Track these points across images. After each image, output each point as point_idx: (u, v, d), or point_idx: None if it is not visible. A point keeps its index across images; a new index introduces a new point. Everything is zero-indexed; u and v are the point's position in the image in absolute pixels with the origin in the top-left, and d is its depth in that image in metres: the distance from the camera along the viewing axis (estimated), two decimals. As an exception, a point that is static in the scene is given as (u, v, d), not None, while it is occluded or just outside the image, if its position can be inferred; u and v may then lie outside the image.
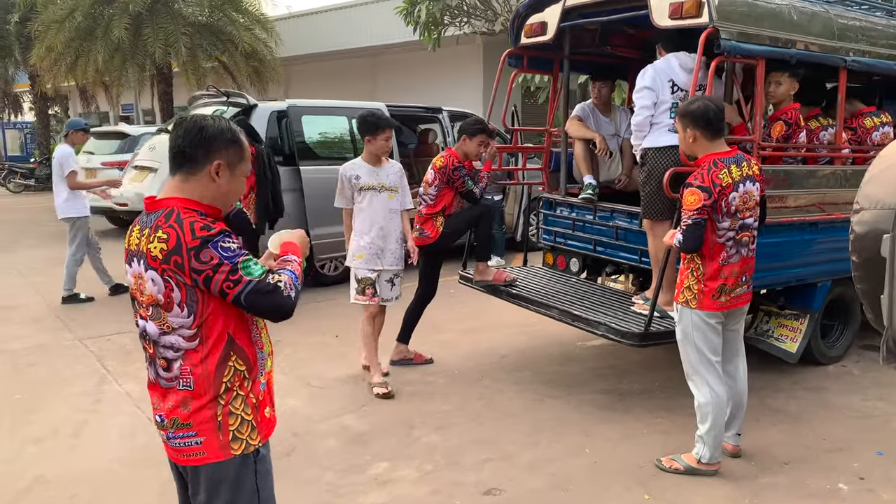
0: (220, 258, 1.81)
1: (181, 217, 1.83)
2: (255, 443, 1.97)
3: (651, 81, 4.23)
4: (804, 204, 4.59)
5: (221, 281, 1.82)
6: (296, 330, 6.10)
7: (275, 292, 1.86)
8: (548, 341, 5.62)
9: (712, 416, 3.43)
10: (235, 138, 1.96)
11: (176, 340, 1.89)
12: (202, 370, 1.89)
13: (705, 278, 3.36)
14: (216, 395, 1.90)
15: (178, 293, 1.84)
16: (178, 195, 1.91)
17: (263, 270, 1.88)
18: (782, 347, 4.88)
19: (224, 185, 1.94)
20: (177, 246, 1.80)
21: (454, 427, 4.12)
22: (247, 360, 1.95)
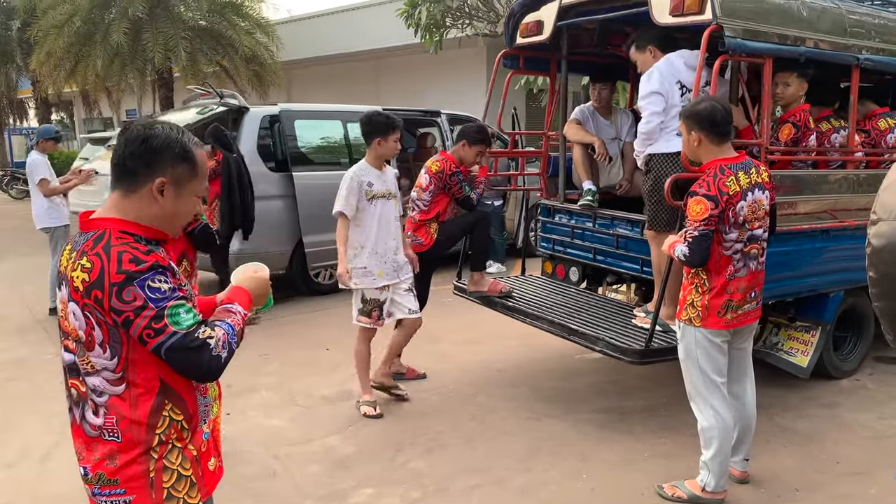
0: (145, 300, 1.56)
1: (111, 243, 1.59)
2: (193, 501, 1.73)
3: (659, 85, 3.95)
4: (815, 210, 4.35)
5: (142, 327, 1.56)
6: (286, 342, 5.92)
7: (201, 349, 1.60)
8: (548, 354, 5.39)
9: (717, 441, 3.19)
10: (186, 153, 1.69)
11: (100, 383, 1.64)
12: (131, 420, 1.64)
13: (710, 294, 3.13)
14: (148, 449, 1.66)
15: (99, 332, 1.60)
16: (115, 215, 1.66)
17: (195, 321, 1.62)
18: (793, 361, 4.63)
19: (168, 206, 1.69)
20: (99, 278, 1.55)
21: (445, 449, 3.90)
22: (185, 410, 1.71)
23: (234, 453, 3.87)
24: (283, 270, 7.20)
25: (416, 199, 4.75)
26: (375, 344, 4.58)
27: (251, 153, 6.90)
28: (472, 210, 4.86)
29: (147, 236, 1.67)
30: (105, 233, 1.61)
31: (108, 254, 1.57)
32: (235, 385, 4.93)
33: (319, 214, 7.05)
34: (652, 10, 4.00)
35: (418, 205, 4.73)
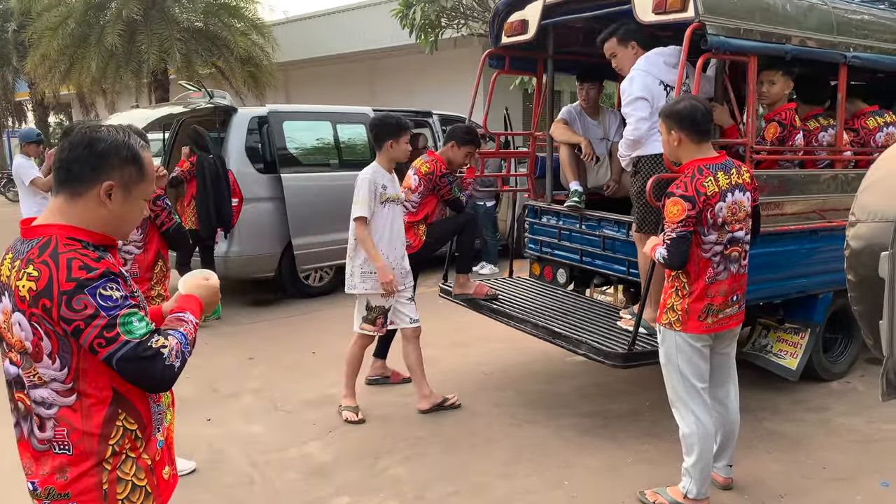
0: (97, 308, 1.51)
1: (58, 251, 1.53)
2: None
3: (642, 89, 3.83)
4: (803, 210, 4.28)
5: (93, 336, 1.51)
6: (273, 345, 5.87)
7: (154, 359, 1.56)
8: (535, 356, 5.32)
9: (698, 447, 3.13)
10: (134, 155, 1.64)
11: (49, 395, 1.57)
12: (83, 431, 1.58)
13: (690, 297, 3.06)
14: (101, 460, 1.60)
15: (47, 342, 1.54)
16: (60, 220, 1.60)
17: (148, 330, 1.58)
18: (782, 364, 4.56)
19: (116, 210, 1.63)
20: (47, 287, 1.50)
21: (425, 456, 3.84)
22: (139, 419, 1.66)
23: (213, 460, 3.83)
24: (272, 273, 7.14)
25: (405, 201, 4.68)
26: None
27: (239, 154, 6.87)
28: (461, 212, 4.80)
29: (95, 242, 1.62)
30: (51, 239, 1.55)
31: (56, 261, 1.51)
32: (221, 389, 4.89)
33: (308, 216, 7.04)
34: (635, 7, 3.93)
35: (407, 206, 4.65)
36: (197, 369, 5.18)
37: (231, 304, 7.13)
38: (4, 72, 21.17)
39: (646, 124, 3.80)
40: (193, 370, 5.15)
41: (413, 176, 4.68)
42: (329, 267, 7.53)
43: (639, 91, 3.80)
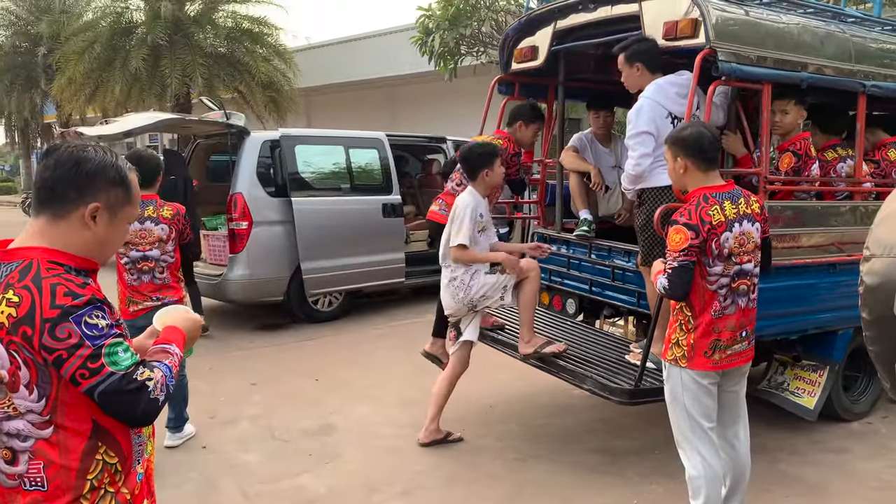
0: (81, 337, 1.43)
1: (41, 275, 1.46)
2: None
3: (648, 123, 3.69)
4: (820, 243, 4.12)
5: (76, 367, 1.43)
6: (276, 370, 5.79)
7: (139, 392, 1.48)
8: (540, 388, 5.16)
9: (705, 490, 2.96)
10: (121, 177, 1.59)
11: (24, 427, 1.48)
12: (60, 465, 1.49)
13: (696, 332, 2.92)
14: (77, 497, 1.51)
15: (25, 372, 1.45)
16: (41, 243, 1.52)
17: (133, 361, 1.51)
18: (799, 403, 4.37)
19: (101, 233, 1.57)
20: (29, 314, 1.43)
21: (421, 491, 3.70)
22: (119, 452, 1.57)
23: (204, 491, 3.73)
24: (280, 297, 7.08)
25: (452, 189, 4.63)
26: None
27: (251, 178, 6.86)
28: (521, 193, 4.68)
29: (77, 266, 1.54)
30: (32, 263, 1.48)
31: (38, 286, 1.44)
32: (219, 415, 4.80)
33: (318, 240, 7.00)
34: (645, 34, 3.86)
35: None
36: (197, 394, 5.11)
37: (238, 328, 7.08)
38: (33, 94, 21.63)
39: (648, 160, 3.68)
40: (194, 395, 5.07)
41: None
42: (338, 292, 7.46)
43: (644, 125, 3.68)
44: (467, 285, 4.11)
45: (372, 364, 5.95)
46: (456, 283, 4.13)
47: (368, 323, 7.41)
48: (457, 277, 4.12)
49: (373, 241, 7.45)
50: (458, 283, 4.12)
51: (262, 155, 7.00)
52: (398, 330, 7.14)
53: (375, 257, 7.49)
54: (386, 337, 6.86)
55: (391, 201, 7.63)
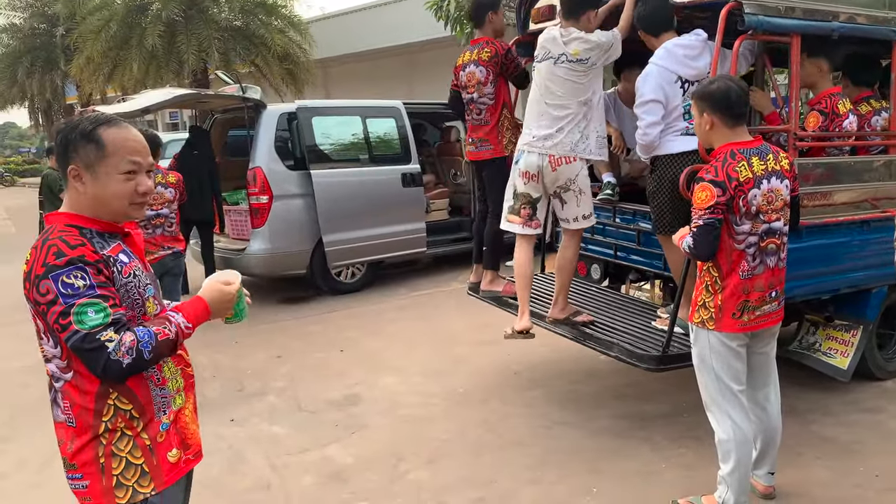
0: (56, 294, 1.58)
1: (49, 236, 1.63)
2: (144, 491, 1.72)
3: (655, 91, 3.58)
4: (853, 200, 3.99)
5: (52, 321, 1.59)
6: (301, 343, 5.82)
7: (98, 351, 1.58)
8: (566, 354, 5.13)
9: (735, 454, 2.91)
10: (85, 135, 1.68)
11: (55, 370, 1.70)
12: (81, 405, 1.68)
13: (723, 293, 2.84)
14: (96, 435, 1.68)
15: (40, 321, 1.65)
16: (65, 209, 1.72)
17: (101, 322, 1.59)
18: (832, 363, 4.28)
19: (91, 191, 1.68)
20: (29, 271, 1.62)
21: (448, 459, 3.70)
22: (135, 400, 1.71)
23: (233, 462, 3.77)
24: (303, 270, 7.10)
25: (479, 99, 4.50)
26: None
27: (269, 151, 6.83)
28: (525, 85, 4.57)
29: (98, 229, 1.69)
30: (52, 227, 1.66)
31: (43, 246, 1.61)
32: (246, 388, 4.84)
33: (339, 212, 6.97)
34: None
35: (484, 101, 4.48)
36: (224, 368, 5.17)
37: (262, 302, 7.12)
38: (53, 75, 21.77)
39: (656, 129, 3.59)
40: (220, 369, 5.15)
41: (478, 69, 4.46)
42: (360, 263, 7.46)
43: (651, 93, 3.57)
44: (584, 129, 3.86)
45: (396, 334, 5.96)
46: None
47: (391, 294, 7.41)
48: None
49: (393, 212, 7.42)
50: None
51: (279, 128, 6.96)
52: (421, 300, 7.13)
53: (396, 228, 7.46)
54: (409, 307, 6.85)
55: (410, 171, 7.57)
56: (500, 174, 4.56)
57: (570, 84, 3.80)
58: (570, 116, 3.81)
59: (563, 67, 3.81)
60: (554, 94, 3.85)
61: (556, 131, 3.83)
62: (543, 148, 3.85)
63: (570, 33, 3.81)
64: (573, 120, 3.81)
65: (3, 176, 31.04)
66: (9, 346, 6.01)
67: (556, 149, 3.82)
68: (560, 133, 3.82)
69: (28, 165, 36.27)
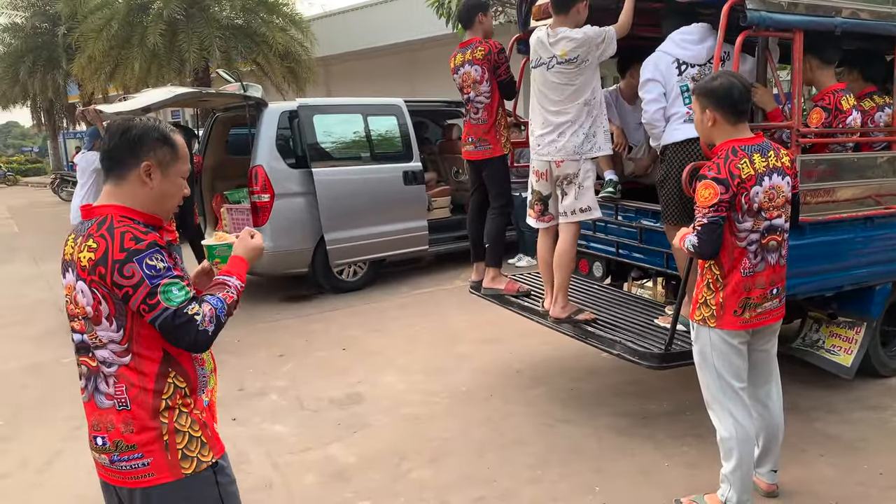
0: (142, 277, 1.69)
1: (113, 226, 1.73)
2: (207, 459, 1.86)
3: (652, 71, 3.70)
4: (857, 196, 3.96)
5: (139, 302, 1.70)
6: (303, 341, 5.81)
7: (189, 324, 1.72)
8: (568, 352, 5.12)
9: (738, 452, 2.90)
10: (165, 137, 1.84)
11: (108, 356, 1.77)
12: (139, 389, 1.77)
13: (724, 291, 2.83)
14: (156, 414, 1.78)
15: (105, 306, 1.73)
16: (113, 202, 1.80)
17: (185, 298, 1.73)
18: (835, 361, 4.26)
19: (157, 188, 1.82)
20: (103, 256, 1.70)
21: (450, 458, 3.70)
22: (188, 378, 1.84)
23: (235, 461, 3.73)
24: (305, 268, 7.09)
25: (475, 98, 4.48)
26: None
27: (270, 150, 6.82)
28: (512, 96, 4.60)
29: (144, 221, 1.80)
30: (107, 217, 1.75)
31: (111, 234, 1.71)
32: (247, 387, 4.84)
33: (341, 211, 6.96)
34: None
35: (481, 100, 4.46)
36: (226, 366, 5.17)
37: (264, 301, 7.13)
38: (55, 75, 21.78)
39: (654, 106, 3.68)
40: (222, 367, 5.10)
41: (472, 67, 4.44)
42: (362, 261, 7.45)
43: (647, 73, 3.70)
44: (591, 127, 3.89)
45: (398, 333, 5.95)
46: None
47: (393, 292, 7.40)
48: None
49: (395, 210, 7.41)
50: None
51: (280, 126, 6.95)
52: (423, 298, 7.13)
53: (398, 225, 7.45)
54: (411, 306, 6.85)
55: (412, 168, 7.55)
56: (501, 172, 4.56)
57: (566, 87, 3.85)
58: (571, 120, 3.86)
59: (554, 72, 3.85)
60: (552, 101, 3.91)
61: (559, 136, 3.89)
62: (548, 154, 3.94)
63: (556, 34, 3.84)
64: (574, 123, 3.85)
65: (5, 175, 31.07)
66: (6, 347, 6.01)
67: (559, 153, 3.89)
68: (562, 137, 3.88)
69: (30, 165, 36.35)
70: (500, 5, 12.70)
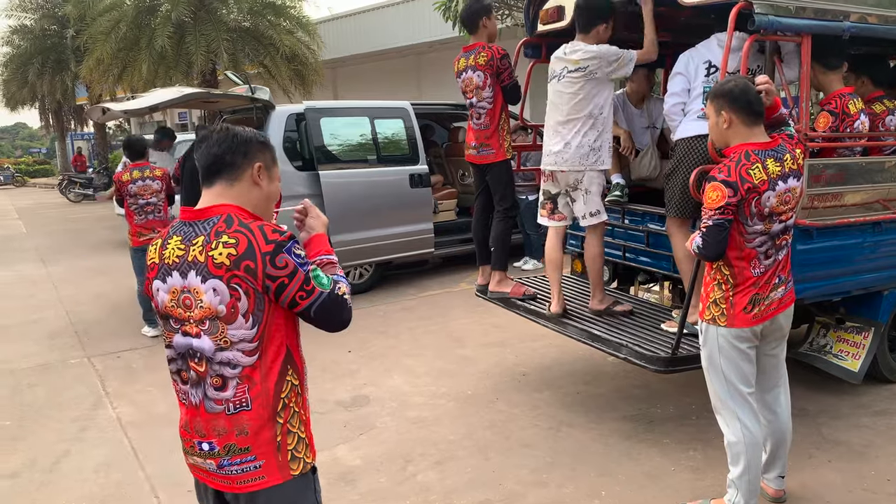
0: (295, 266, 1.72)
1: (244, 222, 1.74)
2: (310, 461, 1.87)
3: (684, 66, 3.80)
4: (865, 201, 3.96)
5: (295, 290, 1.72)
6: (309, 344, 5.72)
7: (342, 304, 1.79)
8: (574, 356, 5.12)
9: (745, 457, 2.89)
10: (266, 141, 1.91)
11: (234, 356, 1.74)
12: (262, 388, 1.75)
13: (735, 290, 2.82)
14: (274, 414, 1.77)
15: (245, 302, 1.71)
16: (228, 202, 1.80)
17: (330, 280, 1.79)
18: (843, 366, 4.25)
19: (266, 188, 1.86)
20: (248, 251, 1.69)
21: (456, 461, 3.69)
22: (299, 374, 1.85)
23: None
24: (311, 271, 7.09)
25: (478, 104, 4.50)
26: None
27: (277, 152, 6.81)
28: (516, 100, 4.60)
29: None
30: (231, 215, 1.75)
31: (249, 229, 1.71)
32: (254, 390, 4.84)
33: (347, 213, 6.97)
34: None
35: (483, 105, 4.48)
36: (232, 369, 5.17)
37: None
38: (64, 76, 21.88)
39: (673, 100, 3.80)
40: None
41: (475, 73, 4.46)
42: (368, 264, 7.46)
43: (679, 67, 3.81)
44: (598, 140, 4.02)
45: (403, 335, 5.95)
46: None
47: (399, 294, 7.41)
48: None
49: (401, 212, 7.41)
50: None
51: (287, 129, 6.97)
52: (428, 301, 7.13)
53: (404, 228, 7.46)
54: (417, 308, 6.85)
55: (418, 171, 7.56)
56: (505, 176, 4.57)
57: (572, 97, 3.97)
58: (577, 132, 3.99)
59: (564, 82, 3.99)
60: (560, 111, 4.05)
61: (564, 147, 4.03)
62: (555, 165, 4.10)
63: (574, 46, 3.96)
64: (578, 134, 3.98)
65: (14, 176, 31.22)
66: (15, 347, 6.04)
67: (566, 164, 4.05)
68: (567, 149, 4.02)
69: (38, 166, 36.51)
70: (506, 9, 12.72)
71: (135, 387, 4.85)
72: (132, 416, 4.41)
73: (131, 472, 3.71)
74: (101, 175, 20.74)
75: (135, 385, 4.88)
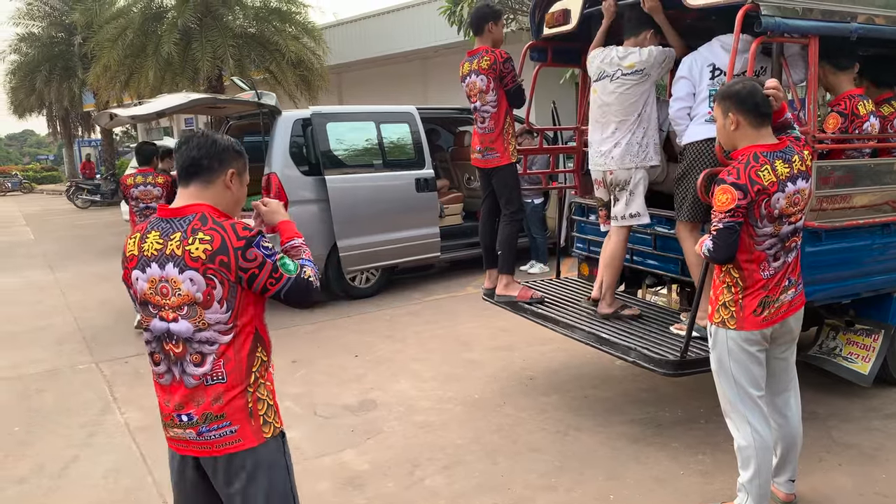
0: (263, 257, 1.93)
1: (217, 220, 1.95)
2: (279, 426, 2.09)
3: (687, 70, 3.80)
4: (874, 202, 3.93)
5: (266, 278, 1.94)
6: (316, 348, 5.82)
7: (308, 286, 2.00)
8: (582, 360, 5.10)
9: (755, 461, 2.87)
10: (241, 150, 2.10)
11: (212, 335, 1.95)
12: (235, 363, 1.97)
13: (745, 293, 2.80)
14: (246, 386, 1.99)
15: (220, 290, 1.92)
16: (202, 201, 2.00)
17: (296, 266, 2.00)
18: (853, 368, 4.22)
19: (236, 192, 2.08)
20: (222, 246, 1.90)
21: (463, 466, 3.68)
22: (266, 349, 2.06)
23: (248, 468, 3.76)
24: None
25: (482, 107, 4.50)
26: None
27: (284, 157, 6.86)
28: (521, 103, 4.59)
29: None
30: (206, 214, 1.96)
31: (222, 227, 1.93)
32: (261, 394, 4.84)
33: (353, 218, 6.98)
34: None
35: (487, 109, 4.49)
36: (240, 373, 5.17)
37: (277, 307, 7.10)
38: (71, 84, 21.99)
39: (679, 104, 3.80)
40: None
41: (479, 78, 4.47)
42: (375, 268, 7.46)
43: (682, 71, 3.81)
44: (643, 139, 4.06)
45: (410, 339, 5.95)
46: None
47: (405, 298, 7.41)
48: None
49: (407, 217, 7.42)
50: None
51: (294, 134, 6.99)
52: (435, 305, 7.12)
53: (410, 232, 7.46)
54: (423, 312, 6.84)
55: (424, 176, 7.56)
56: (510, 180, 4.56)
57: (625, 97, 4.01)
58: (627, 130, 4.03)
59: (617, 82, 4.01)
60: (611, 111, 4.07)
61: (614, 146, 4.06)
62: (604, 165, 4.11)
63: (627, 50, 4.01)
64: (629, 132, 4.03)
65: (21, 183, 31.37)
66: (23, 353, 6.06)
67: (614, 163, 4.07)
68: (617, 148, 4.05)
69: (46, 173, 36.70)
70: (511, 13, 12.73)
71: (143, 392, 4.85)
72: (140, 422, 4.42)
73: (140, 478, 3.71)
74: (109, 181, 20.84)
75: (143, 390, 4.88)
